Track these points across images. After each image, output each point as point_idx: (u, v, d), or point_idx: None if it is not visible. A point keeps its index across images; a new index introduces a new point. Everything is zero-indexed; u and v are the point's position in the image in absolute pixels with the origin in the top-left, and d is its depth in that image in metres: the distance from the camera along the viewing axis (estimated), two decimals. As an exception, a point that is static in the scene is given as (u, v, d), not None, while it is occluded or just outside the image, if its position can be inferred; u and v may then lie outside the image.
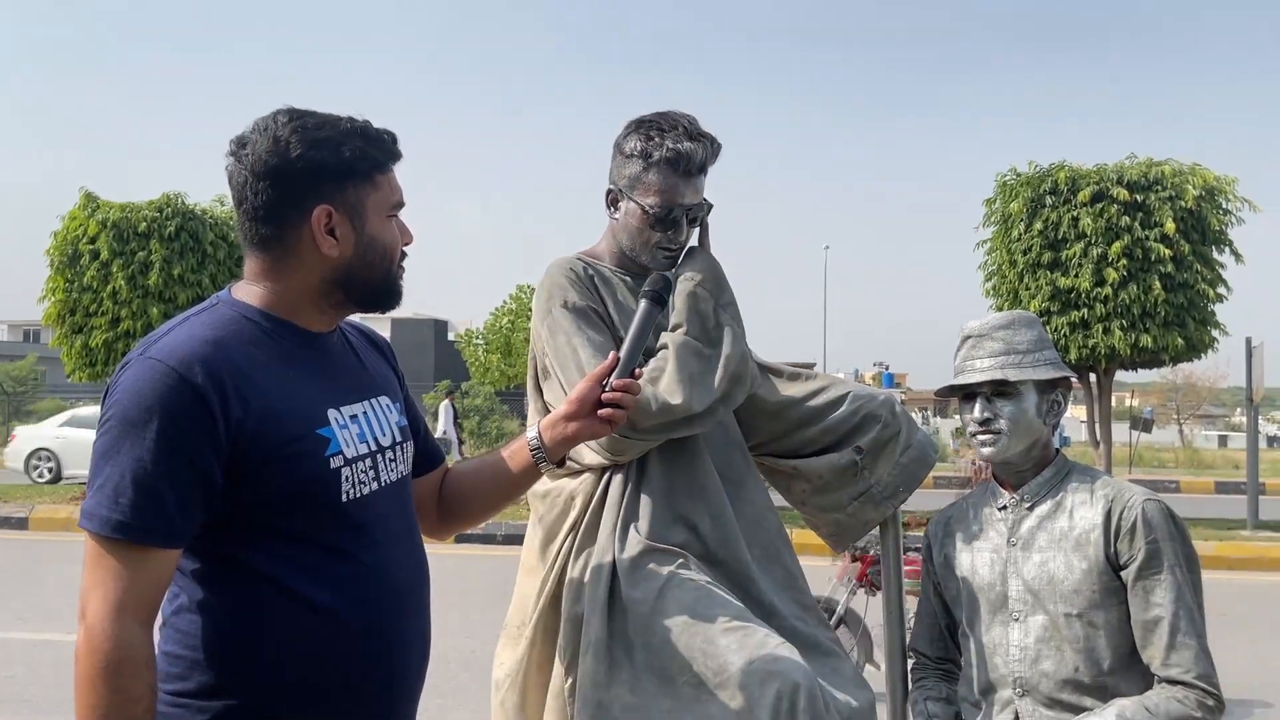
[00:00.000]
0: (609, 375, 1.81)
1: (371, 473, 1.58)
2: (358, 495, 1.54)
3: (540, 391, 2.20)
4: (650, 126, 2.13)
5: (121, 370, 1.45)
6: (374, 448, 1.60)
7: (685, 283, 2.12)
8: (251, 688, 1.46)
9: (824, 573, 6.87)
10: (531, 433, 1.84)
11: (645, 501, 2.09)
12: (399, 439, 1.68)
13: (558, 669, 2.08)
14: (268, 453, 1.45)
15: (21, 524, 11.96)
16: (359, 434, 1.58)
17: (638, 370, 1.84)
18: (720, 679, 1.91)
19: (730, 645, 1.93)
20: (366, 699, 1.55)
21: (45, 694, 5.39)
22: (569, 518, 2.15)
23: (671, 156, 2.09)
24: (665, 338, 2.11)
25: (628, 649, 1.99)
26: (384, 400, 1.68)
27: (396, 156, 1.61)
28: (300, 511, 1.49)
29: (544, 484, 2.20)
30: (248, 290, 1.58)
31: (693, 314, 2.10)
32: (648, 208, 2.12)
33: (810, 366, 3.48)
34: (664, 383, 2.04)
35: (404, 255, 1.65)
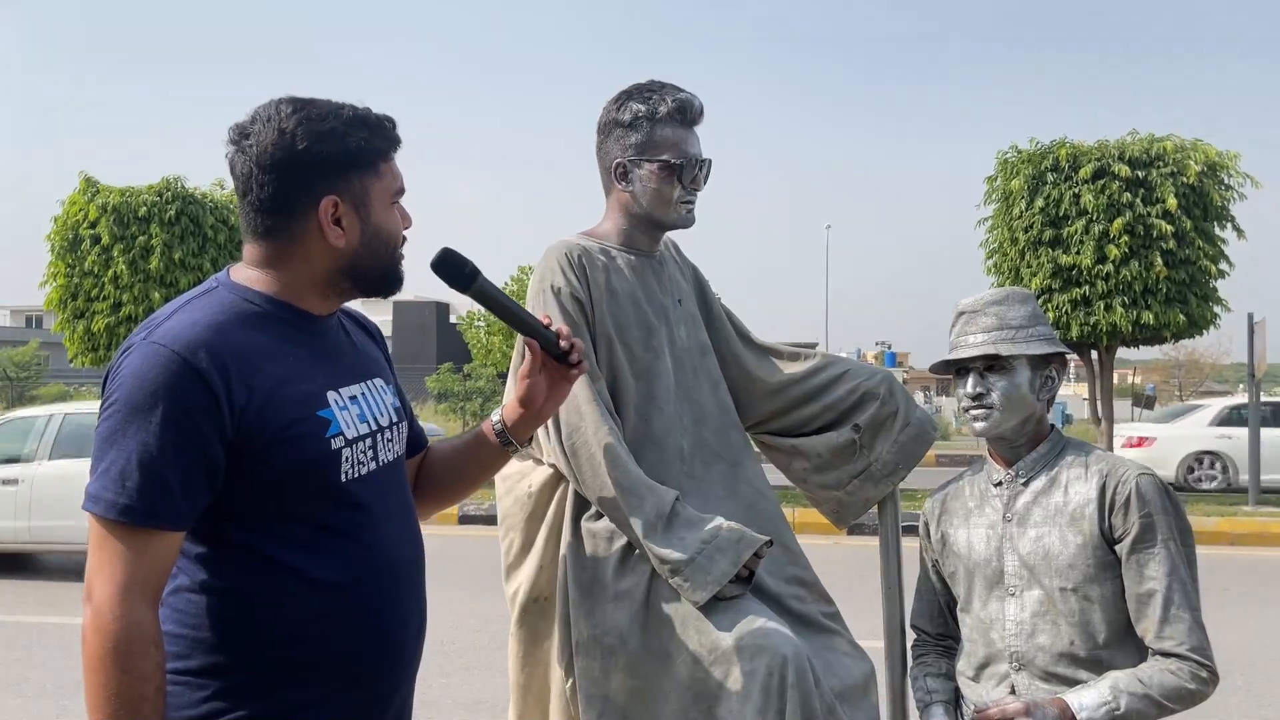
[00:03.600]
0: (539, 363, 1.79)
1: (370, 453, 1.59)
2: (357, 475, 1.56)
3: None
4: (642, 91, 2.19)
5: (124, 355, 1.45)
6: (374, 428, 1.62)
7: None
8: (251, 665, 1.48)
9: (825, 552, 6.90)
10: (495, 416, 1.86)
11: None
12: (395, 419, 1.70)
13: (556, 671, 2.10)
14: (270, 435, 1.46)
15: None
16: (359, 415, 1.59)
17: (546, 322, 1.77)
18: (714, 656, 1.94)
19: (721, 622, 1.95)
20: (367, 674, 1.57)
21: (49, 676, 5.43)
22: (529, 512, 2.18)
23: (677, 107, 2.17)
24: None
25: (620, 638, 2.01)
26: (378, 382, 1.70)
27: (397, 143, 1.62)
28: (301, 492, 1.50)
29: (510, 464, 2.21)
30: (248, 274, 1.59)
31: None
32: (670, 161, 2.16)
33: (813, 346, 3.51)
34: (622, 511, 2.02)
35: (404, 240, 1.66)
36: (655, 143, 2.16)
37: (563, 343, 1.75)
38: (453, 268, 1.64)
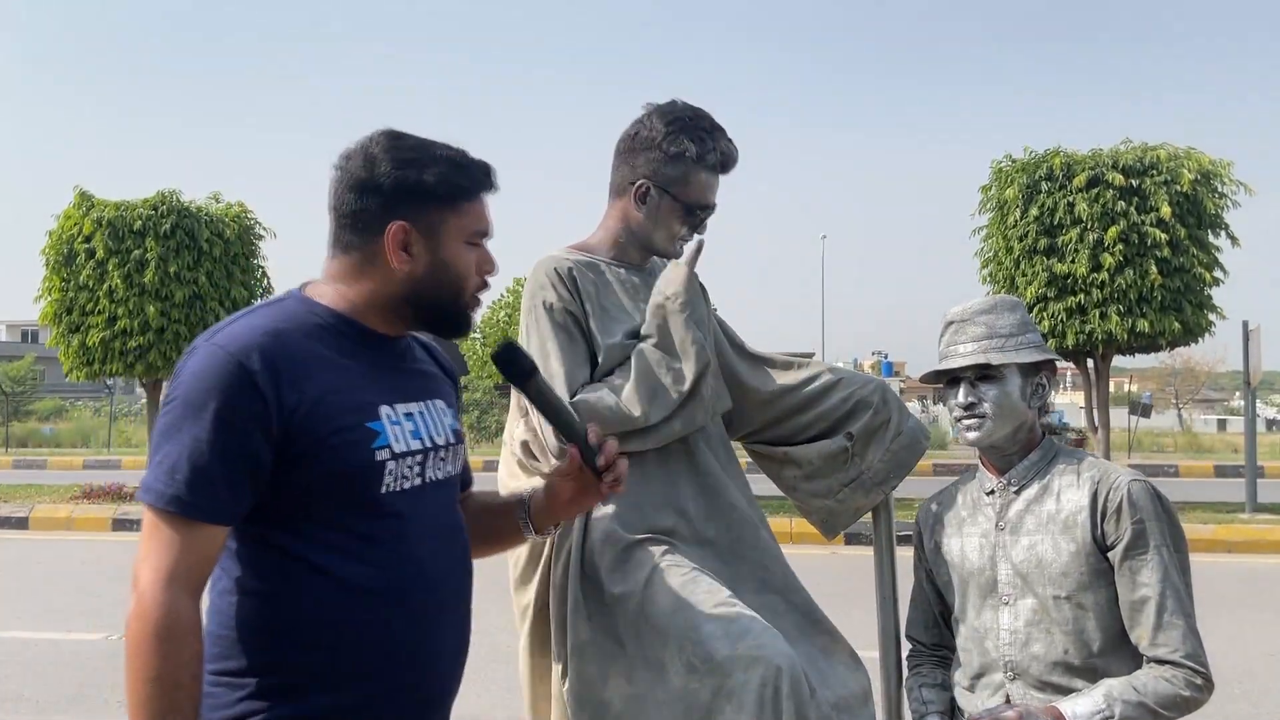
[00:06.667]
0: (575, 468, 1.75)
1: (417, 469, 1.62)
2: (398, 489, 1.58)
3: None
4: (696, 129, 2.18)
5: (189, 356, 1.51)
6: (427, 445, 1.64)
7: (658, 296, 2.14)
8: (287, 666, 1.50)
9: (822, 562, 6.88)
10: (527, 492, 1.88)
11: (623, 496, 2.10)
12: (452, 440, 1.72)
13: (555, 673, 2.10)
14: (316, 441, 1.50)
15: (21, 523, 11.98)
16: (412, 431, 1.62)
17: (590, 434, 1.73)
18: (707, 666, 1.93)
19: (715, 633, 1.94)
20: (400, 686, 1.57)
21: (43, 692, 5.40)
22: None
23: (723, 160, 2.20)
24: (635, 350, 2.13)
25: (618, 643, 2.01)
26: (439, 404, 1.72)
27: (486, 187, 1.67)
28: (340, 499, 1.53)
29: (516, 480, 2.22)
30: (320, 289, 1.64)
31: (663, 328, 2.12)
32: (692, 206, 2.19)
33: (809, 356, 3.51)
34: (625, 393, 2.06)
35: (483, 285, 1.68)
36: (688, 183, 2.18)
37: (601, 459, 1.72)
38: (511, 362, 1.65)
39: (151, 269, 12.56)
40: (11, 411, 31.03)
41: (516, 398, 2.23)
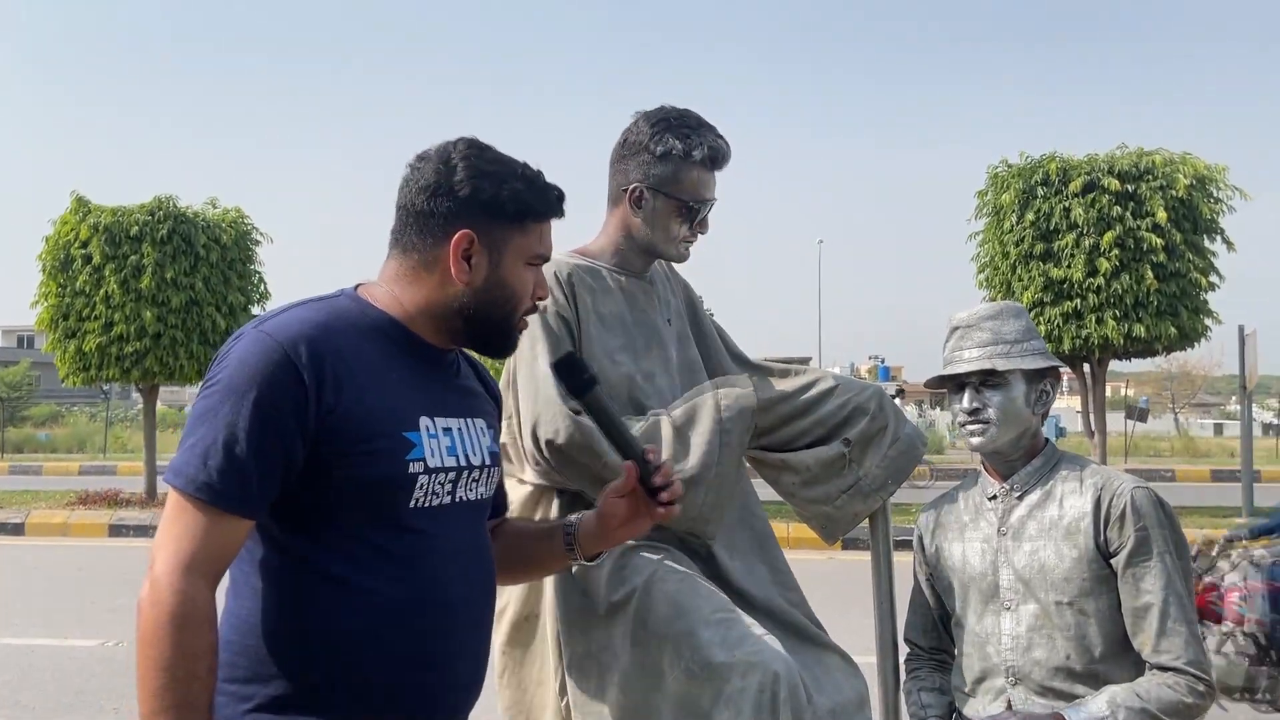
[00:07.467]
0: (631, 486, 1.71)
1: (448, 487, 1.57)
2: (425, 505, 1.53)
3: (513, 389, 2.20)
4: (681, 126, 2.19)
5: (235, 341, 1.49)
6: (462, 464, 1.60)
7: (712, 394, 2.14)
8: (293, 679, 1.46)
9: (820, 567, 6.88)
10: (575, 517, 1.83)
11: None
12: (489, 462, 1.68)
13: (549, 690, 2.09)
14: (350, 442, 1.46)
15: (18, 529, 11.97)
16: (449, 447, 1.58)
17: (648, 452, 1.70)
18: (705, 673, 1.93)
19: (713, 639, 1.94)
20: (408, 702, 1.52)
21: (40, 698, 5.39)
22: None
23: (712, 155, 2.19)
24: (655, 417, 2.12)
25: (614, 654, 2.00)
26: (480, 423, 1.68)
27: (555, 213, 1.66)
28: (365, 508, 1.49)
29: (510, 489, 2.21)
30: (373, 291, 1.62)
31: (691, 416, 2.11)
32: (688, 204, 2.19)
33: (805, 361, 3.47)
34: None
35: (533, 308, 1.68)
36: (679, 181, 2.18)
37: (657, 478, 1.69)
38: (573, 371, 1.65)
39: (148, 274, 12.56)
40: (7, 417, 30.96)
41: (508, 395, 2.22)
